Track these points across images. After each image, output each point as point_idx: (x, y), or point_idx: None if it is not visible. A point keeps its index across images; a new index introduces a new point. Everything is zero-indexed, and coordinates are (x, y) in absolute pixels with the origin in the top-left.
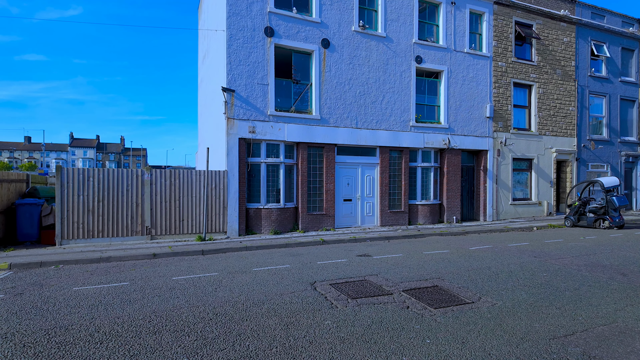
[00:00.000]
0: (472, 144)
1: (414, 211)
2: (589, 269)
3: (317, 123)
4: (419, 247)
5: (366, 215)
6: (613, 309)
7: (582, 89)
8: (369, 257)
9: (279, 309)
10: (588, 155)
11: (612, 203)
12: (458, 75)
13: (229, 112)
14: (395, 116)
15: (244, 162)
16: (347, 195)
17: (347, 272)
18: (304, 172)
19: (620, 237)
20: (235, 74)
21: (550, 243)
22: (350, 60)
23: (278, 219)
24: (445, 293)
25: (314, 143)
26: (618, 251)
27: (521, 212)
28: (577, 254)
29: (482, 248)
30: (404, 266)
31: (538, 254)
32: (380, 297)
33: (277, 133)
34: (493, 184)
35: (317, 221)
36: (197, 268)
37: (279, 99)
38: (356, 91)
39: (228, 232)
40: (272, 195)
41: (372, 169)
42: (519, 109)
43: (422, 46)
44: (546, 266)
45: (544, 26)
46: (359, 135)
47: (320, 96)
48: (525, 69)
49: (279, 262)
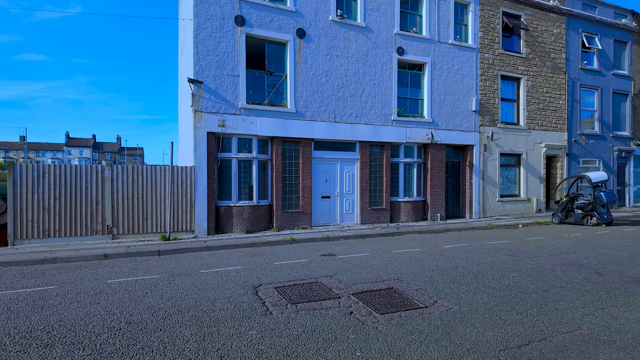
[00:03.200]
0: (457, 138)
1: (396, 208)
2: (565, 268)
3: (292, 117)
4: (391, 245)
5: (345, 213)
6: (580, 313)
7: (573, 82)
8: (332, 257)
9: (203, 317)
10: (579, 151)
11: (599, 199)
12: (442, 68)
13: (196, 104)
14: (376, 110)
15: (214, 157)
16: (325, 192)
17: (301, 274)
18: (278, 168)
19: (606, 234)
20: (203, 65)
21: (531, 241)
22: (327, 51)
23: (251, 217)
24: (399, 296)
25: (290, 138)
26: (600, 249)
27: (509, 209)
28: (556, 253)
29: (457, 246)
30: (365, 266)
31: (514, 253)
32: (325, 302)
33: (249, 127)
34: (479, 180)
35: (293, 219)
36: (141, 270)
37: (251, 92)
38: (334, 83)
39: (196, 231)
40: (244, 192)
41: (351, 164)
42: (507, 103)
43: (404, 37)
44: (519, 266)
45: (532, 17)
46: (338, 130)
47: (295, 89)
48: (514, 61)
49: (233, 263)
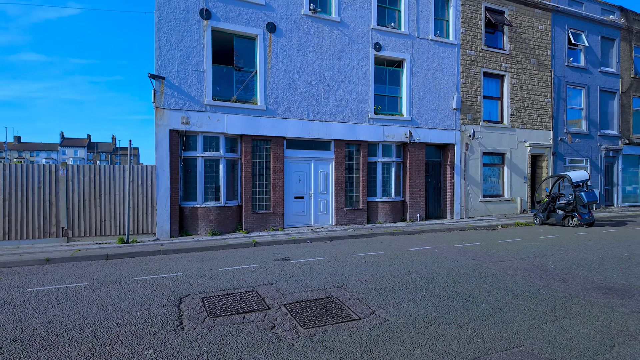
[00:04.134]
0: (437, 137)
1: (373, 209)
2: (527, 274)
3: (262, 114)
4: (356, 248)
5: (320, 214)
6: (527, 326)
7: (559, 79)
8: (286, 262)
9: (103, 332)
10: (565, 150)
11: (580, 199)
12: (422, 64)
13: (158, 101)
14: (351, 107)
15: (177, 156)
16: (298, 192)
17: (241, 282)
18: (248, 167)
19: (584, 236)
20: (165, 60)
21: (503, 243)
22: (300, 47)
23: (217, 219)
24: (335, 307)
25: (260, 136)
26: (573, 252)
27: (492, 210)
28: (524, 256)
29: (423, 249)
30: (315, 272)
31: (480, 256)
32: (250, 314)
33: (215, 124)
34: (461, 180)
35: (264, 221)
36: (74, 277)
37: (218, 88)
38: (307, 80)
39: (158, 234)
40: (210, 192)
41: (326, 164)
42: (490, 101)
43: (381, 32)
44: (479, 271)
45: (517, 13)
46: (311, 128)
47: (266, 85)
48: (497, 58)
49: (175, 269)
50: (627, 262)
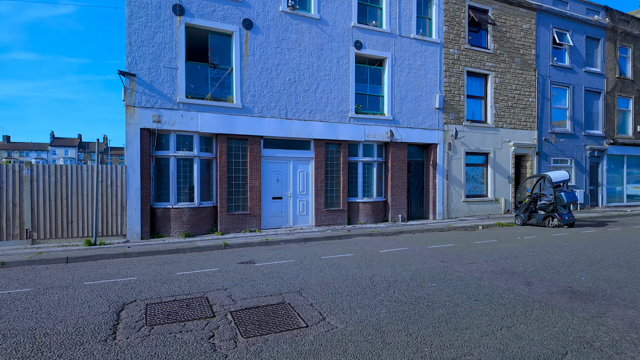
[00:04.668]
0: (419, 137)
1: (354, 209)
2: (494, 276)
3: (238, 112)
4: (327, 250)
5: (299, 215)
6: (481, 333)
7: (544, 79)
8: (249, 265)
9: (27, 343)
10: (550, 150)
11: (560, 199)
12: (404, 63)
13: (128, 99)
14: (331, 106)
15: (149, 155)
16: (276, 192)
17: (195, 287)
18: (223, 167)
19: (562, 236)
20: (136, 56)
21: (478, 244)
22: (277, 44)
23: (191, 220)
24: (285, 313)
25: (236, 135)
26: (546, 254)
27: (475, 210)
28: (496, 258)
29: (395, 251)
30: (276, 276)
31: (450, 258)
32: (192, 322)
33: (189, 123)
34: (443, 180)
35: (240, 222)
36: (21, 281)
37: (192, 85)
38: (285, 78)
39: (128, 235)
40: (184, 193)
41: (305, 163)
42: (474, 100)
43: (362, 30)
44: (445, 274)
45: (500, 12)
46: (290, 127)
47: (242, 82)
48: (481, 57)
49: (131, 274)
50: (599, 264)
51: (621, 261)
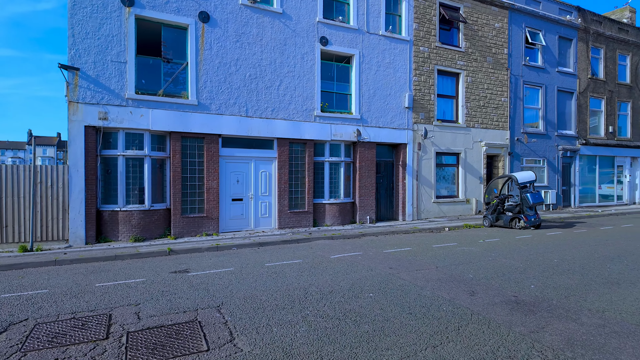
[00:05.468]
0: (388, 136)
1: (320, 211)
2: (438, 285)
3: (194, 109)
4: (277, 255)
5: (261, 217)
6: (402, 354)
7: (516, 78)
8: (181, 275)
9: None
10: (522, 150)
11: (526, 200)
12: (372, 61)
13: (71, 94)
14: (296, 104)
15: (94, 155)
16: (236, 194)
17: (106, 301)
18: (177, 167)
19: (525, 239)
20: (80, 49)
21: (437, 248)
22: (237, 38)
23: (141, 224)
24: (189, 334)
25: (191, 133)
26: (502, 258)
27: (446, 211)
28: (448, 264)
29: (347, 256)
30: (202, 288)
31: (400, 264)
32: (76, 347)
33: (138, 120)
34: (413, 181)
35: (196, 225)
36: None
37: (144, 80)
38: (246, 74)
39: (71, 240)
40: (133, 195)
41: (268, 163)
42: (445, 99)
43: (328, 26)
44: (387, 282)
45: (472, 9)
46: (251, 125)
47: (197, 78)
48: (452, 56)
49: (46, 285)
50: (553, 270)
51: (576, 266)
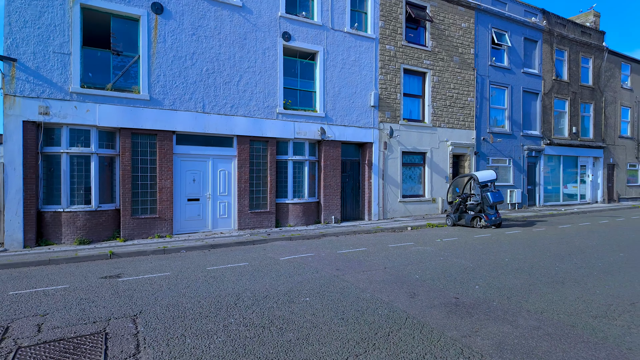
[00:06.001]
0: (354, 135)
1: (283, 211)
2: (381, 287)
3: (146, 104)
4: (225, 259)
5: (220, 218)
6: None
7: (482, 78)
8: (111, 280)
9: None
10: (488, 149)
11: (486, 199)
12: (337, 58)
13: (7, 87)
14: (257, 101)
15: (35, 152)
16: (192, 194)
17: (11, 311)
18: (127, 165)
19: (483, 238)
20: (18, 39)
21: (392, 248)
22: (193, 31)
23: (88, 225)
24: (90, 348)
25: (142, 129)
26: (453, 258)
27: (412, 210)
28: (398, 264)
29: (297, 258)
30: (125, 295)
31: (349, 265)
32: None
33: (84, 116)
34: (379, 180)
35: (148, 226)
36: None
37: (90, 74)
38: (202, 68)
39: (7, 244)
40: (78, 195)
41: (227, 162)
42: (412, 99)
43: (291, 21)
44: (329, 285)
45: (439, 9)
46: (208, 122)
47: (150, 72)
48: (418, 55)
49: None
50: (502, 269)
51: (526, 265)
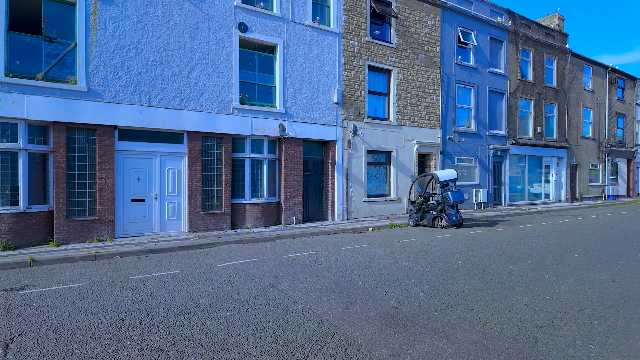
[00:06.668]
0: (316, 133)
1: (240, 212)
2: (317, 296)
3: (84, 97)
4: (158, 265)
5: (168, 220)
6: None
7: (448, 77)
8: (11, 293)
9: None
10: (454, 149)
11: (447, 199)
12: (298, 52)
13: None
14: (210, 94)
15: None
16: (137, 194)
17: None
18: (62, 162)
19: (441, 239)
20: None
21: (345, 251)
22: (138, 19)
23: (15, 229)
24: None
25: (80, 124)
26: (405, 261)
27: (377, 210)
28: (344, 269)
29: (238, 264)
30: (13, 312)
31: (291, 272)
32: None
33: (10, 108)
34: (343, 179)
35: (86, 229)
36: None
37: (18, 62)
38: (149, 59)
39: None
40: (4, 195)
41: (177, 160)
42: (377, 96)
43: (247, 12)
44: (260, 295)
45: (404, 5)
46: (155, 116)
47: (88, 61)
48: (383, 51)
49: None
50: (452, 273)
51: (479, 268)
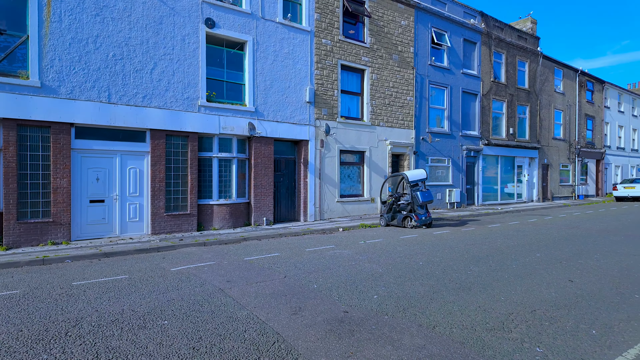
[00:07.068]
0: (288, 132)
1: (207, 213)
2: (266, 301)
3: (37, 92)
4: (107, 270)
5: (130, 221)
6: None
7: (422, 78)
8: None
9: None
10: (427, 149)
11: (416, 199)
12: (268, 49)
13: None
14: (174, 91)
15: None
16: (96, 194)
17: None
18: (12, 161)
19: (408, 239)
20: None
21: (308, 252)
22: (97, 12)
23: None
24: None
25: (32, 121)
26: (366, 263)
27: (350, 210)
28: (302, 272)
29: (192, 267)
30: None
31: (244, 276)
32: None
33: None
34: (316, 179)
35: (40, 232)
36: None
37: None
38: (109, 53)
39: None
40: None
41: (139, 159)
42: (350, 96)
43: (215, 7)
44: (205, 302)
45: (378, 4)
46: (115, 113)
47: (41, 55)
48: (356, 51)
49: None
50: (412, 274)
51: (439, 269)
